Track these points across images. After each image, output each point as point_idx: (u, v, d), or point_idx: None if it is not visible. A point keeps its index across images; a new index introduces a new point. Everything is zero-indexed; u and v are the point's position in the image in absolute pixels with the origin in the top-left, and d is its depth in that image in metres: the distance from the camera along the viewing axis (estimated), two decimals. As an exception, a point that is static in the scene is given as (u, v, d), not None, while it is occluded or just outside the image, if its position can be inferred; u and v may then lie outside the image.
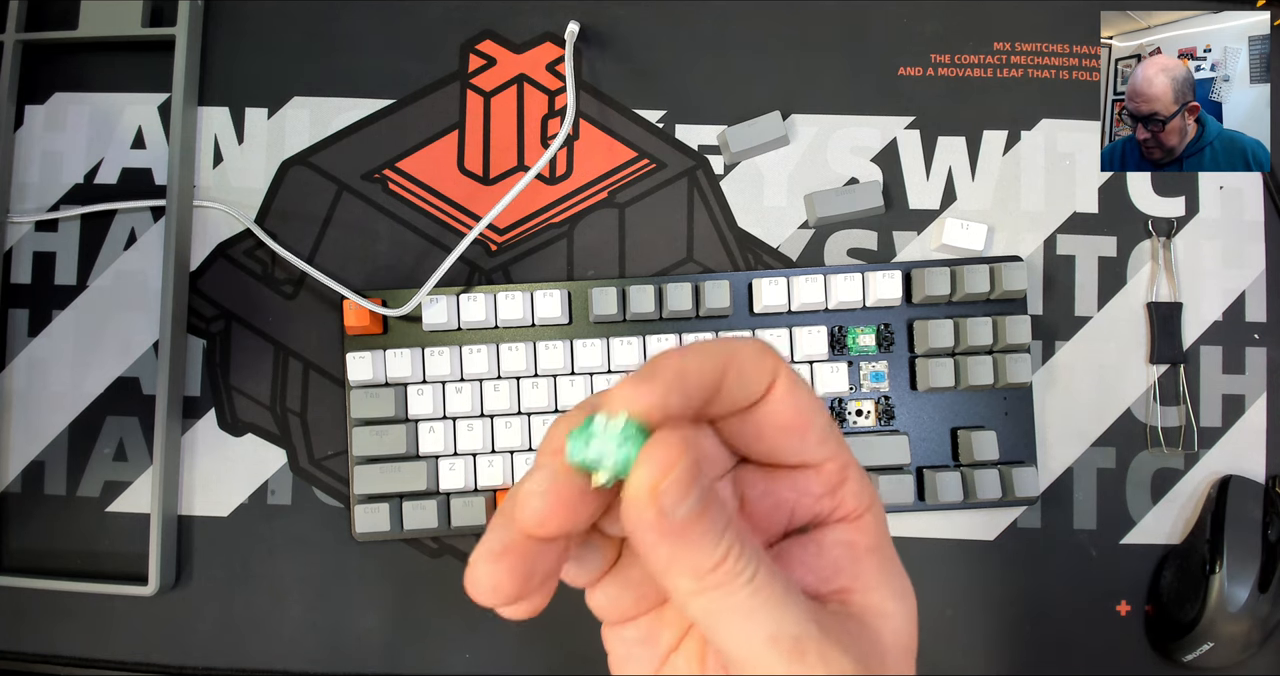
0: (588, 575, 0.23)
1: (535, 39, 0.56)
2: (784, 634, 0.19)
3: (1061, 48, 0.56)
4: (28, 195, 0.55)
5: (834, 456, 0.23)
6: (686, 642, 0.24)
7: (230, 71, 0.56)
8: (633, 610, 0.24)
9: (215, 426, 0.54)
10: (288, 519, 0.53)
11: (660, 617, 0.24)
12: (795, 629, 0.19)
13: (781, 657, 0.19)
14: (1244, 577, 0.49)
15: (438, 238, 0.55)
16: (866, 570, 0.22)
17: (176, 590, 0.53)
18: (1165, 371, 0.54)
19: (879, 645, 0.21)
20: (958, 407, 0.53)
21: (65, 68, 0.56)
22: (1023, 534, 0.53)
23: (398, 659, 0.52)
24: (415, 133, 0.55)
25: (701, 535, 0.19)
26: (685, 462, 0.18)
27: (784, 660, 0.19)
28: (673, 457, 0.18)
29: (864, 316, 0.53)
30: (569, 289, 0.53)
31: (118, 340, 0.54)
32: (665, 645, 0.24)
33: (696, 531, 0.19)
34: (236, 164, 0.55)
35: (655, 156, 0.55)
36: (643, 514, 0.19)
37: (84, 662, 0.52)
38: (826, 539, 0.23)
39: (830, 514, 0.23)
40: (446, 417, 0.52)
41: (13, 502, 0.53)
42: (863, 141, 0.55)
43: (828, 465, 0.23)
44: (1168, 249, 0.55)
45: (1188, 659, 0.50)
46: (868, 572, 0.22)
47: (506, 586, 0.20)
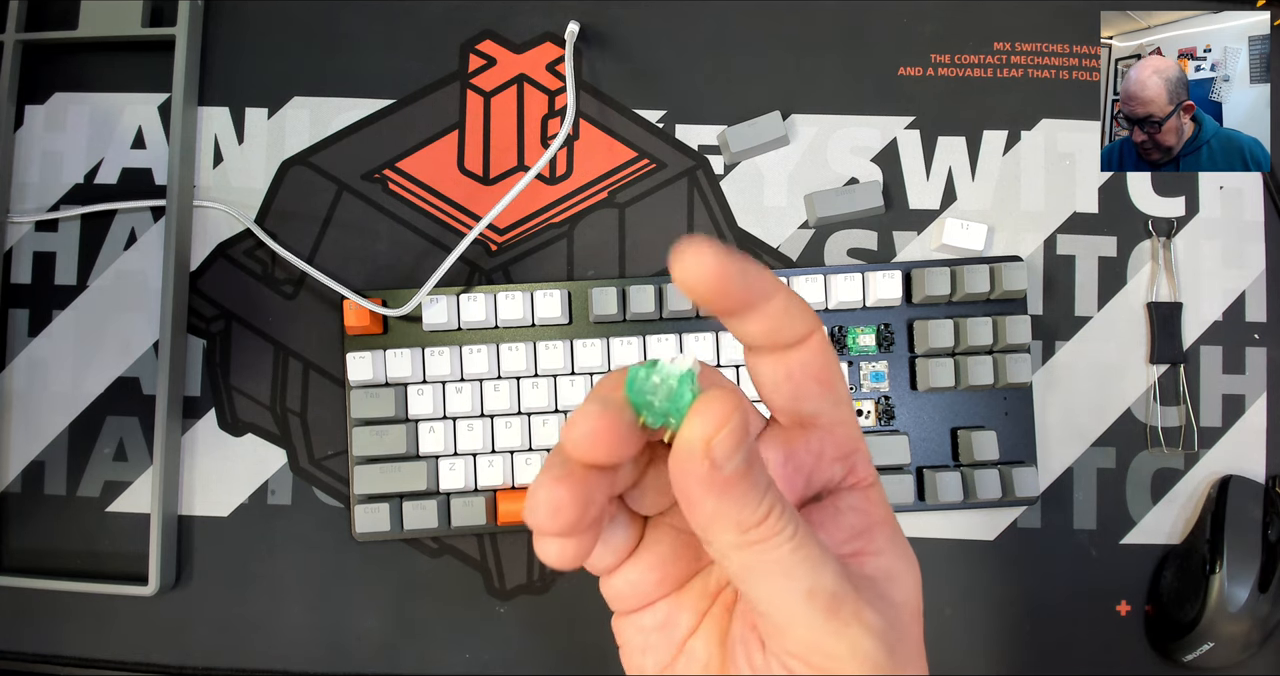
0: (613, 554, 0.24)
1: (535, 39, 0.56)
2: (821, 589, 0.20)
3: (1061, 48, 0.56)
4: (28, 195, 0.55)
5: (846, 422, 0.24)
6: (705, 625, 0.24)
7: (230, 71, 0.56)
8: (654, 593, 0.24)
9: (215, 426, 0.54)
10: (288, 519, 0.53)
11: (678, 601, 0.24)
12: (832, 585, 0.20)
13: (818, 612, 0.20)
14: (1244, 577, 0.49)
15: (438, 238, 0.55)
16: (879, 535, 0.23)
17: (176, 590, 0.53)
18: (1165, 371, 0.54)
19: (895, 606, 0.22)
20: (958, 407, 0.53)
21: (65, 68, 0.56)
22: (1023, 534, 0.53)
23: (398, 659, 0.52)
24: (415, 133, 0.55)
25: (748, 491, 0.19)
26: (738, 417, 0.19)
27: (820, 614, 0.20)
28: (728, 411, 0.19)
29: (864, 316, 0.53)
30: (569, 289, 0.53)
31: (118, 340, 0.54)
32: (684, 629, 0.24)
33: (744, 486, 0.19)
34: (236, 164, 0.55)
35: (655, 156, 0.55)
36: (696, 465, 0.19)
37: (84, 662, 0.52)
38: (841, 504, 0.24)
39: (843, 480, 0.24)
40: (446, 417, 0.52)
41: (13, 502, 0.53)
42: (863, 141, 0.55)
43: (839, 429, 0.24)
44: (1168, 249, 0.55)
45: (1188, 659, 0.50)
46: (880, 537, 0.23)
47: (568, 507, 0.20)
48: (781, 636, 0.21)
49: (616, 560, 0.24)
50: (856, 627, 0.20)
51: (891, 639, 0.21)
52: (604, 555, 0.24)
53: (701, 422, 0.19)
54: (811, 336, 0.22)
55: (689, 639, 0.24)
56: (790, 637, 0.20)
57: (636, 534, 0.24)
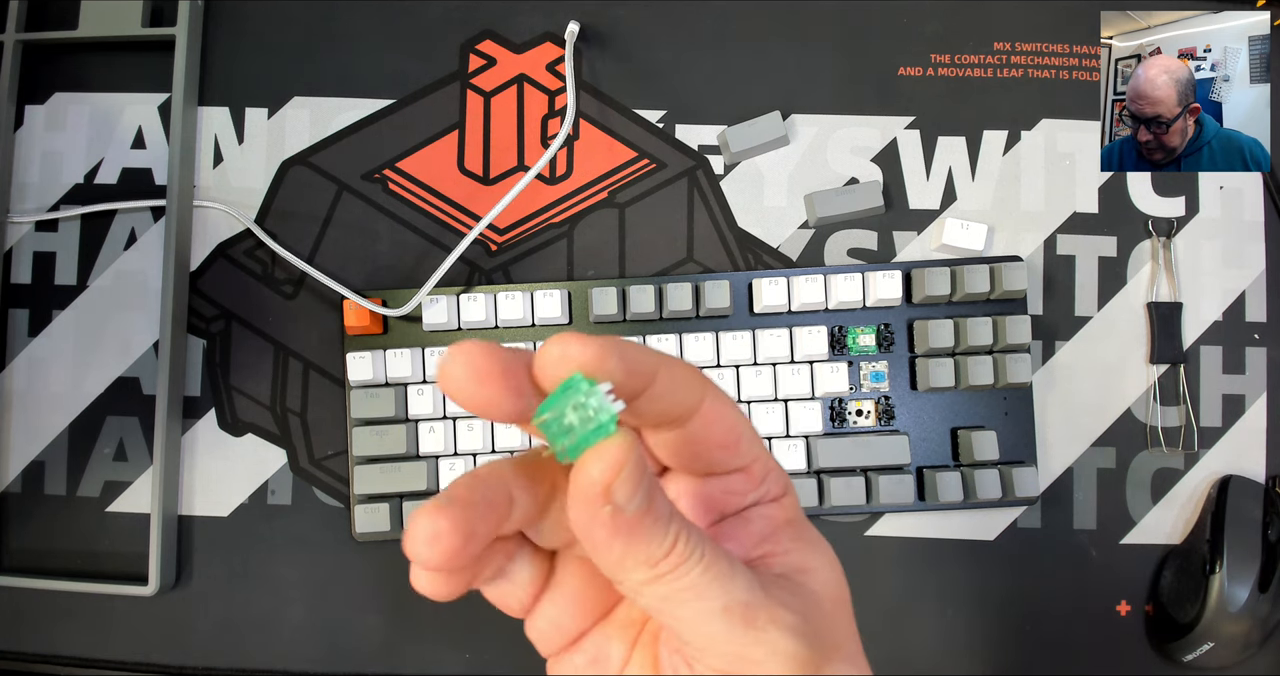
0: (523, 591, 0.23)
1: (535, 39, 0.56)
2: (735, 602, 0.20)
3: (1061, 48, 0.56)
4: (28, 195, 0.55)
5: (759, 457, 0.24)
6: (637, 654, 0.24)
7: (230, 71, 0.56)
8: (574, 627, 0.24)
9: (215, 426, 0.54)
10: (288, 519, 0.53)
11: (605, 633, 0.24)
12: (745, 595, 0.20)
13: (735, 625, 0.20)
14: (1244, 577, 0.49)
15: (438, 238, 0.55)
16: (784, 536, 0.24)
17: (176, 590, 0.53)
18: (1165, 371, 0.54)
19: (813, 596, 0.22)
20: (958, 407, 0.53)
21: (65, 68, 0.56)
22: (1023, 534, 0.53)
23: (398, 659, 0.52)
24: (415, 133, 0.55)
25: (652, 526, 0.19)
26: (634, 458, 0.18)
27: (739, 628, 0.20)
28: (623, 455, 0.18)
29: (864, 316, 0.53)
30: (569, 289, 0.53)
31: (118, 340, 0.54)
32: (617, 662, 0.24)
33: (648, 523, 0.19)
34: (236, 164, 0.55)
35: (655, 156, 0.55)
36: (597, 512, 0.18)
37: (84, 662, 0.52)
38: (750, 514, 0.24)
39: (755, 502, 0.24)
40: (446, 417, 0.52)
41: (13, 502, 0.53)
42: (863, 141, 0.55)
43: (753, 466, 0.24)
44: (1168, 249, 0.55)
45: (1188, 659, 0.50)
46: (785, 537, 0.24)
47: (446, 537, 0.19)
48: (704, 654, 0.21)
49: (529, 597, 0.23)
50: (773, 630, 0.20)
51: (810, 632, 0.21)
52: (514, 592, 0.23)
53: (600, 466, 0.18)
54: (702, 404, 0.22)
55: (624, 670, 0.24)
56: (713, 653, 0.20)
57: (544, 569, 0.24)
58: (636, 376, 0.20)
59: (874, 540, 0.53)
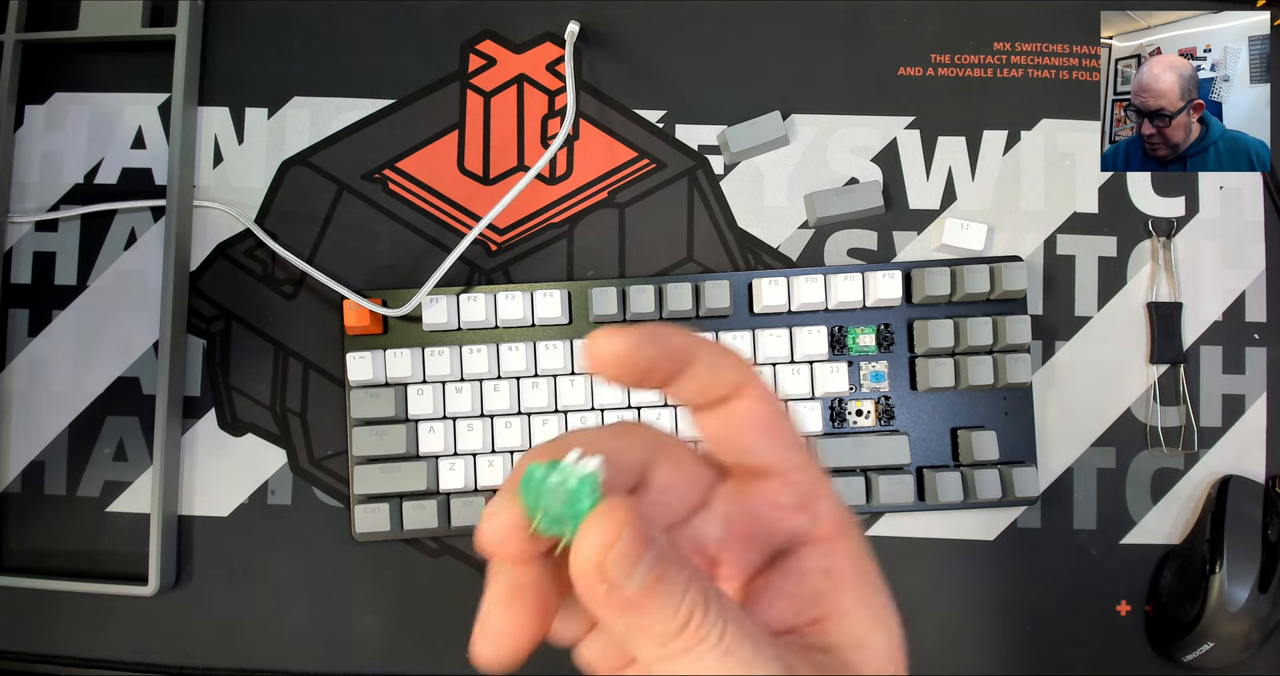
0: (576, 626, 0.23)
1: (535, 39, 0.56)
2: None
3: (1061, 48, 0.56)
4: (28, 195, 0.55)
5: (802, 467, 0.23)
6: None
7: (230, 71, 0.56)
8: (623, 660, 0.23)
9: (215, 426, 0.54)
10: (288, 519, 0.53)
11: None
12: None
13: None
14: (1244, 577, 0.49)
15: (438, 238, 0.55)
16: (846, 595, 0.22)
17: (176, 590, 0.53)
18: (1165, 371, 0.54)
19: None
20: (958, 407, 0.53)
21: (65, 68, 0.56)
22: (1023, 534, 0.53)
23: (398, 659, 0.52)
24: (415, 133, 0.55)
25: (660, 602, 0.18)
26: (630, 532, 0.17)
27: None
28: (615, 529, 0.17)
29: (864, 316, 0.53)
30: (569, 289, 0.53)
31: (118, 340, 0.54)
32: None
33: (653, 600, 0.18)
34: (236, 164, 0.55)
35: (655, 156, 0.55)
36: (592, 590, 0.18)
37: (84, 662, 0.52)
38: (805, 563, 0.22)
39: (808, 531, 0.23)
40: (446, 417, 0.52)
41: (13, 502, 0.53)
42: (863, 141, 0.55)
43: (795, 475, 0.23)
44: (1168, 249, 0.55)
45: (1188, 659, 0.50)
46: (847, 598, 0.22)
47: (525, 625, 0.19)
48: None
49: (578, 633, 0.23)
50: None
51: None
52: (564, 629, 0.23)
53: (590, 543, 0.17)
54: (746, 385, 0.22)
55: None
56: None
57: None
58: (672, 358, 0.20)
59: (874, 540, 0.53)
